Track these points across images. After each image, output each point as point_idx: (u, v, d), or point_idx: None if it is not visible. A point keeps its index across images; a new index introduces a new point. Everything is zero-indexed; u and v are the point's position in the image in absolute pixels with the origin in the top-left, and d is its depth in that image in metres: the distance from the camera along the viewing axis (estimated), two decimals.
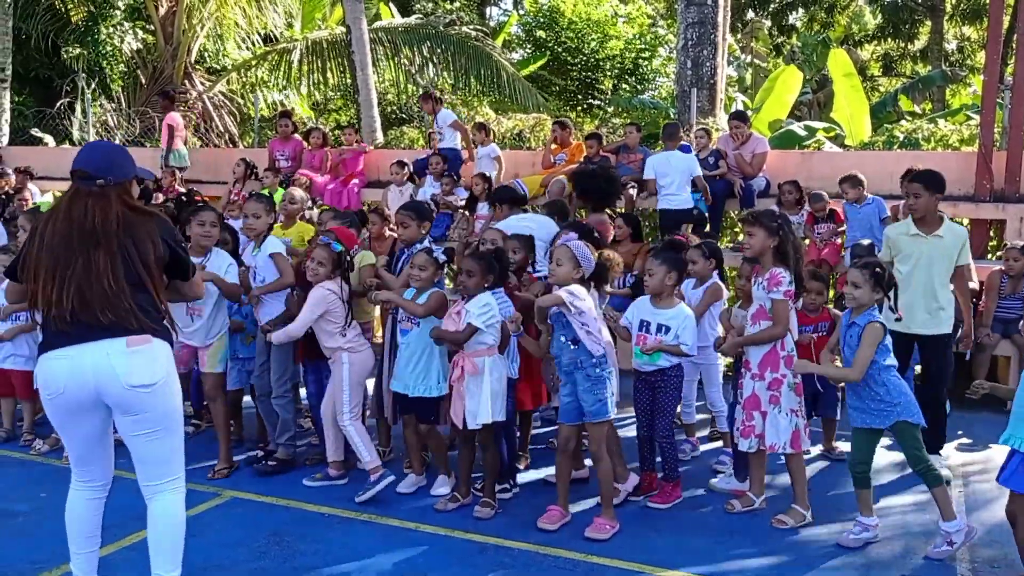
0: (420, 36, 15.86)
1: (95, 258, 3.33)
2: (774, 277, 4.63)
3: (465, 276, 4.83)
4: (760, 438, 4.74)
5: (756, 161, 9.31)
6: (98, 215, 3.36)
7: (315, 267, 5.13)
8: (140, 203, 3.57)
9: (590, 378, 4.58)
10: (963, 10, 25.88)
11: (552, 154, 10.43)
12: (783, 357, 4.70)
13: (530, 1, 27.50)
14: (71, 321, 3.32)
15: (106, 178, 3.41)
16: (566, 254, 4.60)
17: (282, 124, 11.66)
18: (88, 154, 3.50)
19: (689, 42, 11.11)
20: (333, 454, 5.44)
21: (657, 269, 4.92)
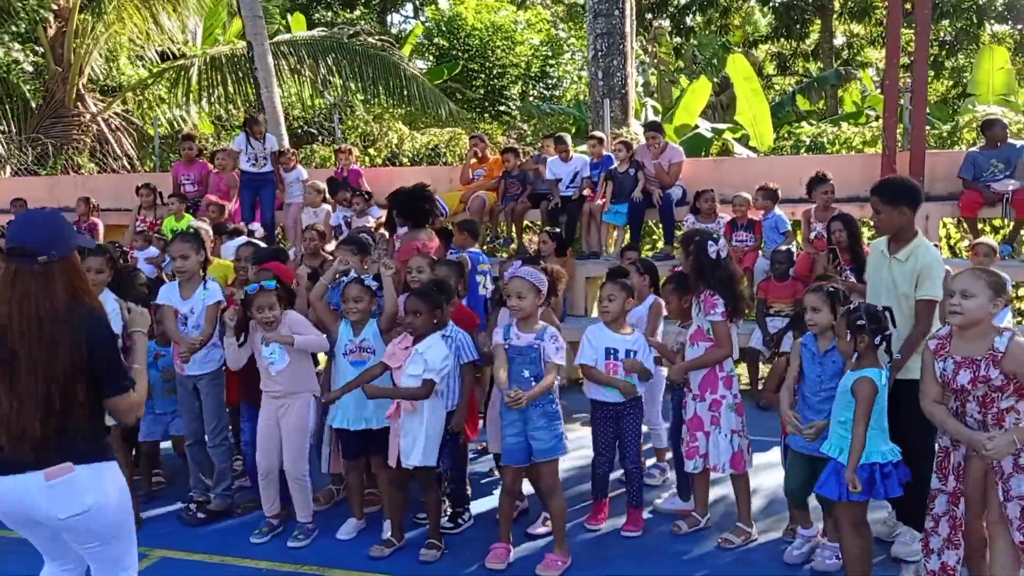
0: (324, 48, 15.54)
1: (19, 368, 2.94)
2: (708, 300, 4.65)
3: (412, 317, 4.68)
4: (704, 458, 4.75)
5: (673, 170, 9.42)
6: (42, 303, 2.96)
7: (267, 315, 4.91)
8: (86, 283, 3.15)
9: (547, 415, 4.50)
10: (851, 8, 26.92)
11: (471, 169, 10.35)
12: (722, 378, 4.73)
13: (432, 9, 27.39)
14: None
15: (49, 254, 2.98)
16: (525, 285, 4.51)
17: (185, 147, 11.21)
18: (22, 227, 3.05)
19: (599, 53, 11.18)
20: (274, 507, 5.21)
21: (618, 295, 4.87)
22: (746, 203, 8.65)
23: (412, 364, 4.63)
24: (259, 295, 4.92)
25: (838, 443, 4.02)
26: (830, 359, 4.31)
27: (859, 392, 3.92)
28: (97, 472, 3.08)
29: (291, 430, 5.02)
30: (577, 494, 5.59)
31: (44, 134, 13.99)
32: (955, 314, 3.67)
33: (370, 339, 5.02)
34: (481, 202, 9.90)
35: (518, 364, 4.54)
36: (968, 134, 10.02)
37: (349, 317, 5.02)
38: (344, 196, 9.92)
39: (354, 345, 5.02)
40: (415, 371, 4.61)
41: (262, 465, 5.11)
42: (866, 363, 4.00)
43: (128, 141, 15.37)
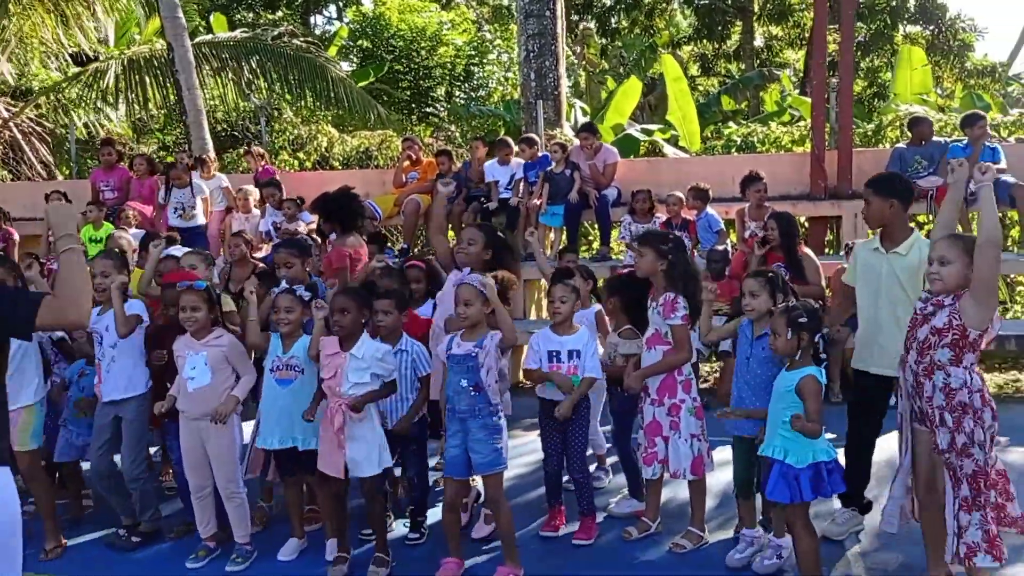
0: (248, 49, 15.06)
1: None
2: (669, 303, 4.60)
3: (339, 315, 4.52)
4: (663, 463, 4.70)
5: (608, 171, 9.42)
6: None
7: (190, 315, 4.67)
8: None
9: (487, 427, 4.38)
10: (770, 11, 27.53)
11: (404, 172, 10.18)
12: (680, 382, 4.69)
13: (353, 10, 27.01)
14: None
15: None
16: (473, 292, 4.38)
17: (105, 152, 10.76)
18: None
19: (531, 54, 11.13)
20: (210, 528, 4.97)
21: (568, 296, 4.80)
22: (680, 202, 8.69)
23: (353, 371, 4.48)
24: (184, 293, 4.71)
25: (782, 444, 4.02)
26: (760, 345, 4.37)
27: (807, 390, 3.93)
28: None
29: (219, 450, 4.78)
30: (530, 500, 5.51)
31: None
32: (936, 281, 3.72)
33: (299, 356, 4.80)
34: (415, 205, 9.73)
35: (456, 373, 4.43)
36: (891, 132, 10.28)
37: (279, 329, 4.82)
38: (272, 193, 9.64)
39: (281, 362, 4.81)
40: (359, 377, 4.46)
41: (193, 483, 4.88)
42: (804, 361, 4.02)
43: (42, 147, 14.71)
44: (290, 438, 4.75)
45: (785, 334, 4.00)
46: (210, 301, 4.73)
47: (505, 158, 9.74)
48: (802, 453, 3.97)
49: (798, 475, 3.94)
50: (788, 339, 3.99)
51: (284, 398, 4.76)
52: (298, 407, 4.70)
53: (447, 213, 9.73)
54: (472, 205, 9.58)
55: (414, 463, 5.08)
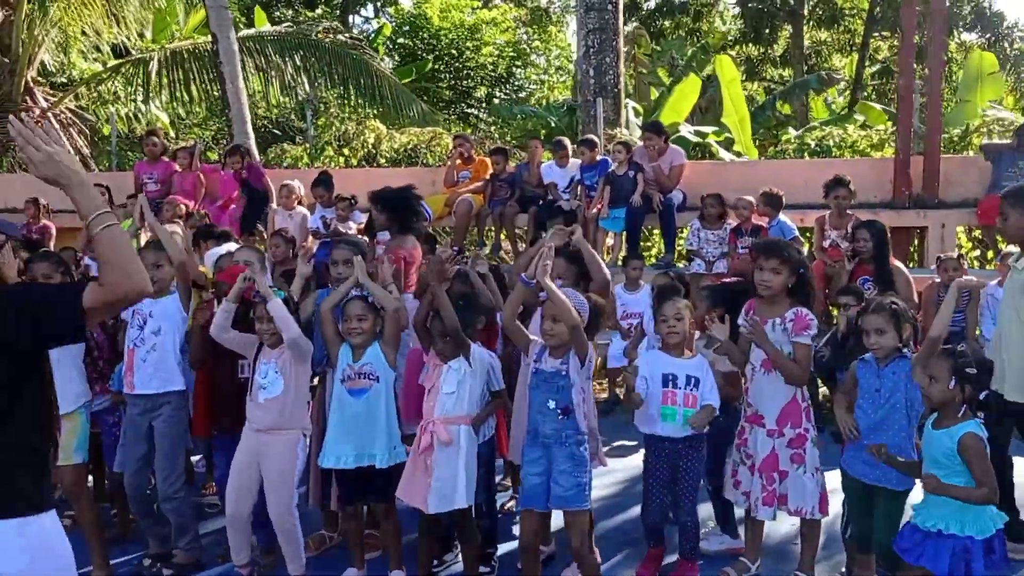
0: (292, 45, 14.74)
1: None
2: (802, 320, 4.04)
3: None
4: (782, 501, 4.14)
5: (674, 174, 8.90)
6: None
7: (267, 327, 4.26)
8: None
9: (573, 458, 3.89)
10: (820, 15, 26.84)
11: (455, 171, 9.72)
12: (803, 409, 4.14)
13: (395, 9, 26.67)
14: None
15: None
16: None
17: (149, 144, 10.41)
18: None
19: (590, 49, 10.64)
20: (243, 555, 4.47)
21: (685, 314, 4.23)
22: (750, 207, 8.15)
23: (447, 381, 4.02)
24: (260, 304, 4.26)
25: (945, 515, 3.41)
26: (890, 371, 3.83)
27: (972, 451, 3.35)
28: (25, 531, 2.32)
29: (275, 473, 4.31)
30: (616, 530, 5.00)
31: None
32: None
33: (373, 364, 4.35)
34: (468, 206, 9.27)
35: (543, 392, 3.94)
36: (977, 139, 9.66)
37: (351, 339, 4.36)
38: (321, 195, 9.23)
39: (352, 371, 4.36)
40: (450, 387, 4.00)
41: (231, 510, 4.36)
42: (961, 416, 3.45)
43: (81, 139, 14.43)
44: (367, 455, 4.26)
45: (946, 382, 3.43)
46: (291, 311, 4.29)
47: (563, 159, 9.26)
48: (978, 524, 3.40)
49: (967, 547, 3.37)
50: (949, 388, 3.43)
51: (357, 410, 4.29)
52: (374, 419, 4.27)
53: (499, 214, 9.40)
54: (531, 209, 9.10)
55: (482, 488, 4.59)
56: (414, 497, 4.08)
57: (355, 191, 9.43)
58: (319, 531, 4.92)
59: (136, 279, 2.30)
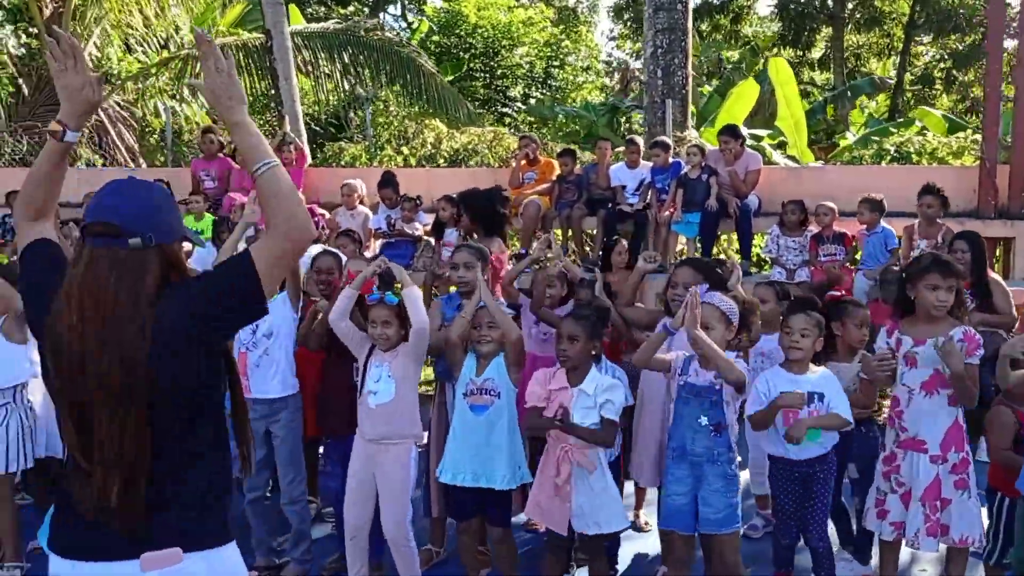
0: (341, 42, 14.61)
1: (93, 401, 2.07)
2: (973, 339, 3.83)
3: (567, 344, 3.86)
4: (944, 530, 3.92)
5: (750, 179, 8.68)
6: (128, 302, 2.07)
7: (382, 331, 4.07)
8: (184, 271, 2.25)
9: (725, 477, 3.70)
10: (858, 19, 26.53)
11: (521, 172, 9.53)
12: (964, 432, 3.93)
13: (432, 8, 26.52)
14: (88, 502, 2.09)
15: (144, 236, 2.12)
16: (714, 314, 3.70)
17: (205, 140, 10.28)
18: (115, 200, 2.14)
19: (659, 50, 10.43)
20: (361, 573, 4.29)
21: (812, 331, 3.97)
22: (831, 213, 7.92)
23: (581, 409, 3.82)
24: (375, 307, 4.09)
25: None
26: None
27: None
28: (214, 563, 2.16)
29: (391, 483, 4.14)
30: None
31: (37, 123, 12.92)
32: None
33: (495, 379, 4.15)
34: (536, 208, 9.07)
35: (693, 408, 3.73)
36: None
37: (479, 348, 4.18)
38: (389, 195, 9.08)
39: (475, 386, 4.17)
40: (587, 417, 3.81)
41: (351, 522, 4.21)
42: None
43: (128, 133, 14.34)
44: (484, 475, 4.08)
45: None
46: (401, 316, 4.11)
47: (633, 161, 9.07)
48: None
49: None
50: None
51: (478, 427, 4.11)
52: (493, 437, 4.08)
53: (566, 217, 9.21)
54: (599, 212, 8.91)
55: None
56: (552, 520, 3.90)
57: (416, 191, 9.28)
58: (425, 546, 4.74)
59: (300, 220, 2.12)
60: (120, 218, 2.10)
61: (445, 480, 4.16)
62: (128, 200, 2.15)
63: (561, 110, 18.95)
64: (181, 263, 2.23)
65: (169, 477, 2.10)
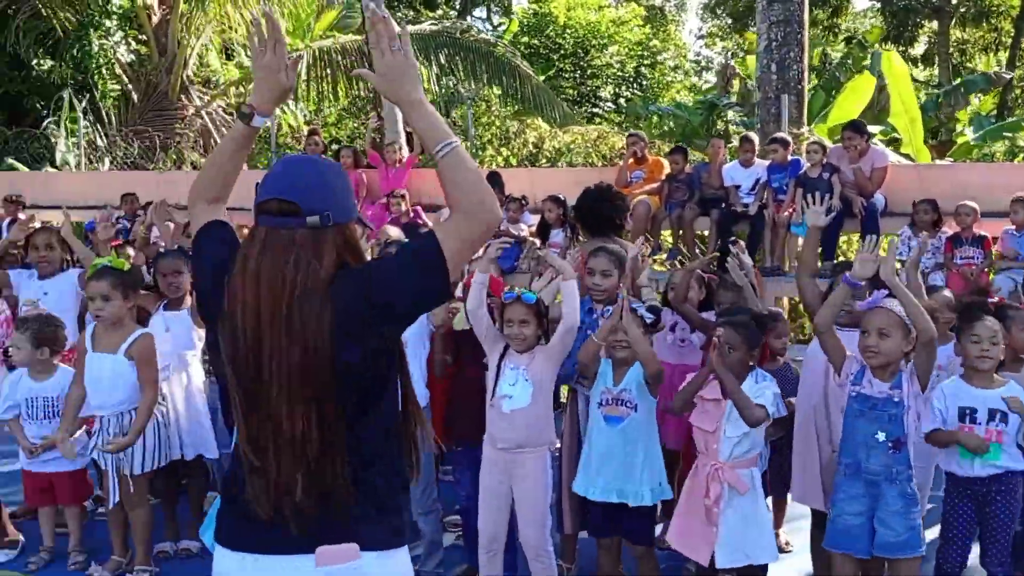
0: (438, 43, 14.61)
1: (268, 388, 1.95)
2: None
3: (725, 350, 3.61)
4: None
5: (876, 177, 8.22)
6: (306, 282, 1.94)
7: (518, 331, 3.86)
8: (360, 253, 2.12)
9: (905, 496, 3.37)
10: (965, 13, 25.38)
11: (628, 171, 9.27)
12: None
13: (521, 9, 26.44)
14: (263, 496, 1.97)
15: (323, 215, 1.98)
16: (892, 320, 3.39)
17: (310, 143, 10.38)
18: (292, 177, 2.02)
19: (773, 43, 10.03)
20: None
21: (997, 337, 3.65)
22: (973, 213, 7.43)
23: (734, 423, 3.56)
24: (511, 305, 3.89)
25: None
26: None
27: None
28: (387, 565, 2.02)
29: (529, 493, 3.90)
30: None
31: (146, 127, 13.24)
32: None
33: (632, 391, 3.89)
34: (646, 208, 8.79)
35: (868, 422, 3.42)
36: None
37: (616, 354, 3.94)
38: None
39: (611, 395, 3.92)
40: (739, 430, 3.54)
41: (487, 533, 4.00)
42: None
43: None
44: (615, 491, 3.84)
45: None
46: (539, 315, 3.90)
47: (748, 159, 8.71)
48: None
49: None
50: None
51: (612, 439, 3.87)
52: (631, 452, 3.83)
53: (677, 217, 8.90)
54: (713, 212, 8.58)
55: None
56: (695, 550, 3.64)
57: (519, 191, 9.12)
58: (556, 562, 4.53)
59: (489, 203, 1.96)
60: (298, 196, 1.98)
61: (581, 493, 3.93)
62: (305, 177, 2.03)
63: (656, 109, 18.56)
64: (358, 244, 2.10)
65: (348, 471, 1.97)
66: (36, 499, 4.77)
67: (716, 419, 3.59)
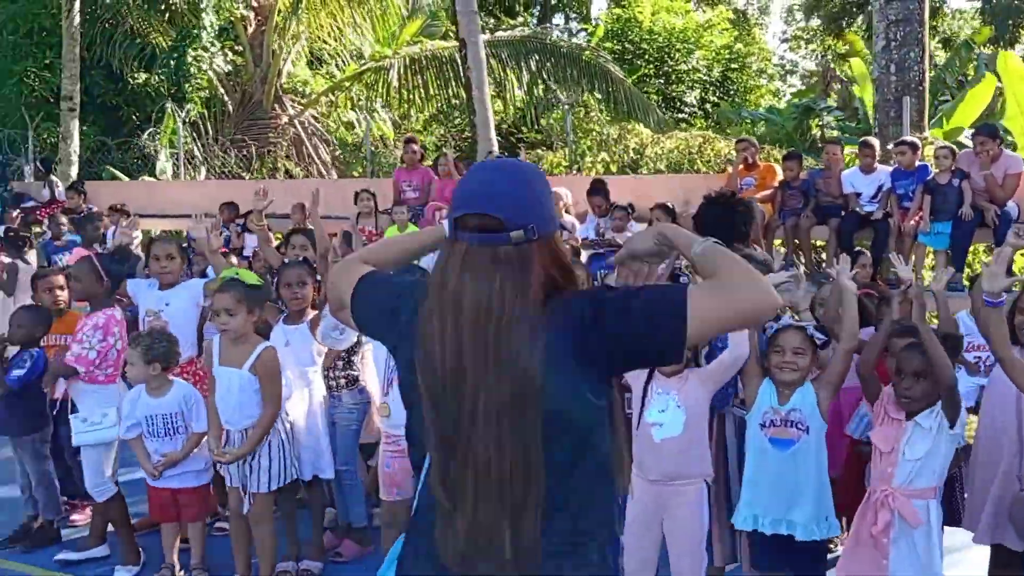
0: (529, 48, 14.45)
1: (471, 427, 1.72)
2: None
3: (910, 380, 3.28)
4: None
5: (1009, 183, 7.69)
6: (514, 306, 1.72)
7: None
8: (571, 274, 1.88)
9: None
10: None
11: (738, 178, 8.91)
12: None
13: (605, 14, 26.14)
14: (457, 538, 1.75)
15: (527, 228, 1.76)
16: None
17: (409, 150, 10.25)
18: (491, 187, 1.79)
19: (892, 42, 9.54)
20: None
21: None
22: None
23: (913, 445, 3.24)
24: None
25: None
26: None
27: None
28: None
29: (684, 530, 3.62)
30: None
31: (242, 137, 13.38)
32: None
33: (803, 411, 3.55)
34: (761, 215, 8.41)
35: None
36: None
37: (781, 374, 3.63)
38: (599, 203, 8.70)
39: (778, 416, 3.60)
40: (918, 452, 3.22)
41: (632, 565, 3.74)
42: None
43: (322, 145, 14.68)
44: (783, 522, 3.53)
45: None
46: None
47: (869, 164, 8.27)
48: None
49: None
50: None
51: (781, 465, 3.56)
52: (801, 479, 3.51)
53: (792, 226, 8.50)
54: (832, 221, 8.17)
55: None
56: None
57: (623, 198, 8.85)
58: None
59: (762, 284, 1.71)
60: (500, 208, 1.74)
61: (743, 526, 3.63)
62: (506, 185, 1.79)
63: (748, 114, 18.05)
64: (566, 258, 1.87)
65: (553, 522, 1.75)
66: (160, 514, 4.68)
67: (895, 438, 3.26)
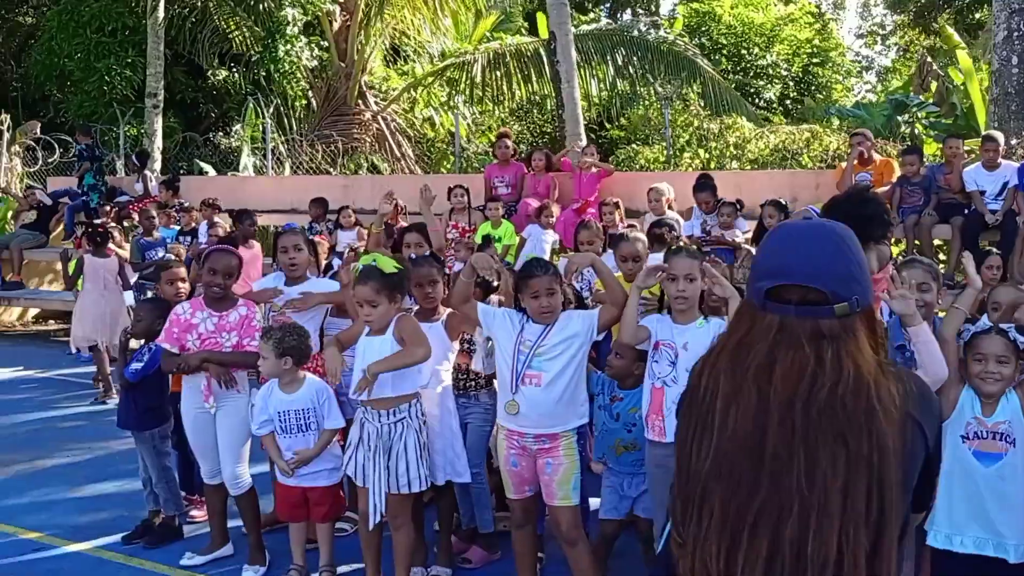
0: (614, 42, 14.17)
1: (818, 499, 1.51)
2: None
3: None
4: None
5: None
6: (846, 395, 1.53)
7: None
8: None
9: None
10: None
11: (853, 173, 8.52)
12: None
13: (683, 7, 25.68)
14: None
15: (851, 300, 1.58)
16: None
17: (500, 146, 10.09)
18: (810, 257, 1.60)
19: (1014, 33, 9.04)
20: None
21: None
22: None
23: None
24: None
25: None
26: None
27: None
28: None
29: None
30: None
31: (329, 132, 13.36)
32: None
33: (1011, 422, 3.26)
34: None
35: None
36: None
37: (985, 386, 3.30)
38: (706, 199, 8.40)
39: (984, 428, 3.27)
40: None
41: None
42: None
43: (405, 141, 14.61)
44: (993, 543, 3.23)
45: None
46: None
47: (992, 159, 7.83)
48: None
49: None
50: None
51: (988, 481, 3.26)
52: (1008, 494, 3.22)
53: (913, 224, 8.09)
54: (954, 219, 7.75)
55: None
56: None
57: (727, 195, 8.53)
58: None
59: None
60: (824, 281, 1.58)
61: (941, 545, 3.34)
62: (827, 256, 1.61)
63: (837, 110, 17.48)
64: (881, 331, 1.68)
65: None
66: (289, 513, 4.55)
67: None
